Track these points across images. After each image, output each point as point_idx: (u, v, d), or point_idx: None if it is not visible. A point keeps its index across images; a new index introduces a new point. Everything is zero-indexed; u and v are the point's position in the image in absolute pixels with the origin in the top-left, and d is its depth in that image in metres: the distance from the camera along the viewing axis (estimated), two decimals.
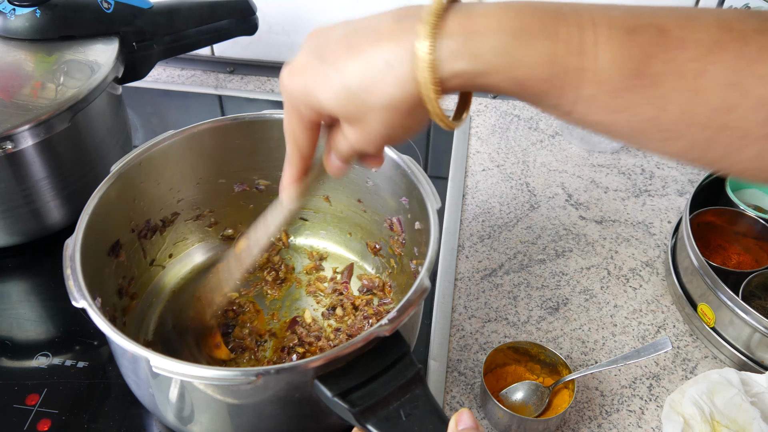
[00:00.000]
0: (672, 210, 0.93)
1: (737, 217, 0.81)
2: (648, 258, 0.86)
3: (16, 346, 0.74)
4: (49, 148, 0.76)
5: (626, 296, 0.81)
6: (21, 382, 0.70)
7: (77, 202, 0.67)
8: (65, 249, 0.60)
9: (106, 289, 0.66)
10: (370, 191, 0.74)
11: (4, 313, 0.78)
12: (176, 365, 0.50)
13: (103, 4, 0.85)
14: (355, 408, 0.50)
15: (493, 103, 1.11)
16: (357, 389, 0.51)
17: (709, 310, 0.73)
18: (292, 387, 0.53)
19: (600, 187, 0.96)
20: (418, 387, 0.52)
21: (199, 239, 0.80)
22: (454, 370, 0.73)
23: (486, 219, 0.91)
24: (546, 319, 0.78)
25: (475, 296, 0.81)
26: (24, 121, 0.72)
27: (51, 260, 0.83)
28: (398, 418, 0.50)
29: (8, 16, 0.82)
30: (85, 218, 0.62)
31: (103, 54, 0.83)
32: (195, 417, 0.58)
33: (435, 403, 0.51)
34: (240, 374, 0.50)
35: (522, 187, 0.96)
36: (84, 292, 0.56)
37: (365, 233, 0.79)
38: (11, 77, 0.78)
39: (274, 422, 0.57)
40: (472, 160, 1.00)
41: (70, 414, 0.67)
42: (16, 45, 0.82)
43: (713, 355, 0.75)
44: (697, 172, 0.98)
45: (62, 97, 0.76)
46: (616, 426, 0.68)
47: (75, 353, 0.73)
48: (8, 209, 0.78)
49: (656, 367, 0.74)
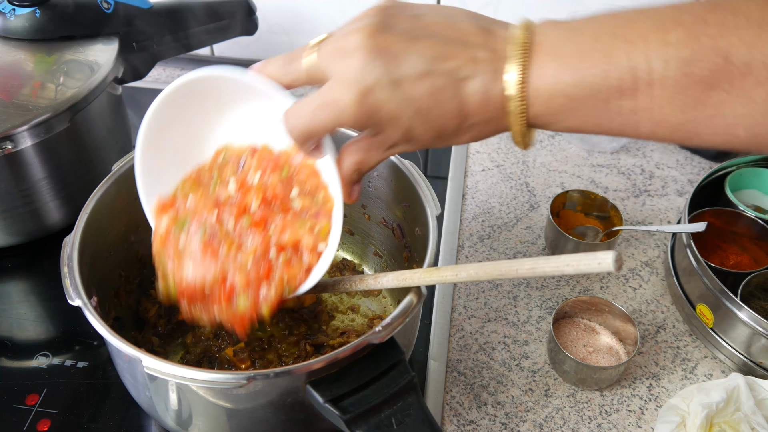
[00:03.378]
0: (671, 210, 0.93)
1: (736, 218, 0.81)
2: (648, 258, 0.86)
3: (16, 346, 0.74)
4: (48, 148, 0.76)
5: (626, 296, 0.81)
6: (21, 382, 0.70)
7: (77, 202, 0.67)
8: (63, 247, 0.60)
9: (104, 289, 0.66)
10: (372, 195, 0.74)
11: (4, 313, 0.78)
12: (168, 367, 0.50)
13: (103, 4, 0.85)
14: (347, 415, 0.49)
15: None
16: (349, 395, 0.51)
17: (708, 311, 0.73)
18: (285, 391, 0.53)
19: (600, 187, 0.96)
20: (411, 395, 0.51)
21: None
22: (453, 370, 0.73)
23: (486, 219, 0.91)
24: (546, 319, 0.78)
25: (475, 296, 0.81)
26: (24, 121, 0.72)
27: (50, 260, 0.83)
28: (389, 426, 0.49)
29: (8, 16, 0.82)
30: (84, 217, 0.63)
31: (103, 54, 0.83)
32: (190, 419, 0.58)
33: (428, 411, 0.51)
34: (231, 377, 0.50)
35: (522, 187, 0.96)
36: (80, 291, 0.56)
37: (366, 237, 0.79)
38: (11, 77, 0.78)
39: (267, 426, 0.56)
40: (472, 160, 1.00)
41: (69, 414, 0.67)
42: (16, 45, 0.82)
43: (713, 355, 0.75)
44: (696, 172, 0.98)
45: (62, 97, 0.76)
46: (615, 426, 0.68)
47: (75, 353, 0.73)
48: (8, 209, 0.78)
49: (656, 367, 0.74)
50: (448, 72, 0.42)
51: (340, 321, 0.75)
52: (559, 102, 0.41)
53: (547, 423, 0.69)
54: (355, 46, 0.43)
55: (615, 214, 0.83)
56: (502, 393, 0.71)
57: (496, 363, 0.74)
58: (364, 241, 0.80)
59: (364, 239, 0.79)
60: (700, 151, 0.99)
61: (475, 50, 0.42)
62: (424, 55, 0.42)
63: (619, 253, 0.41)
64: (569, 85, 0.40)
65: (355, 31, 0.43)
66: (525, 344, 0.76)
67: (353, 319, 0.75)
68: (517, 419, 0.69)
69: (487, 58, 0.42)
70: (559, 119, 0.42)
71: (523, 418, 0.69)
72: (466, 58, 0.42)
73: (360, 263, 0.81)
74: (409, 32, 0.43)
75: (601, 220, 0.85)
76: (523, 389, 0.72)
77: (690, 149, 1.00)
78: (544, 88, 0.41)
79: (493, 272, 0.49)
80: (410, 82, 0.42)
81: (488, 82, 0.42)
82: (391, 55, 0.42)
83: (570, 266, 0.43)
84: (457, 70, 0.42)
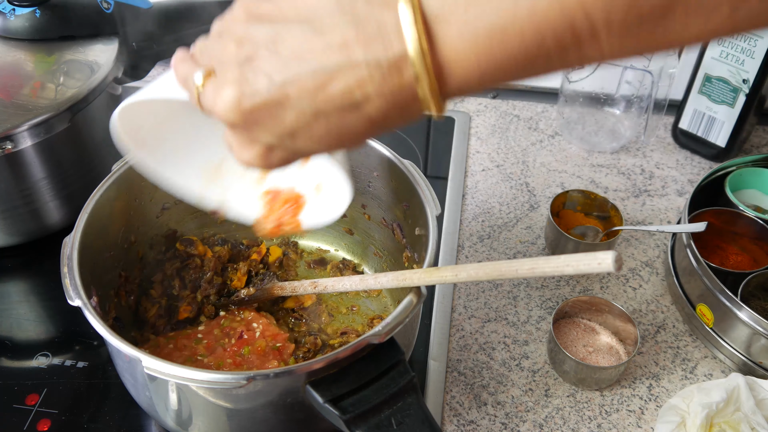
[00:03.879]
0: (671, 210, 0.93)
1: (735, 218, 0.81)
2: (648, 258, 0.86)
3: (16, 346, 0.74)
4: (48, 148, 0.76)
5: (626, 296, 0.81)
6: (21, 382, 0.70)
7: (77, 202, 0.67)
8: (63, 247, 0.60)
9: (104, 289, 0.66)
10: (372, 195, 0.74)
11: (4, 313, 0.78)
12: (168, 367, 0.50)
13: (103, 4, 0.85)
14: (346, 415, 0.49)
15: (493, 103, 1.11)
16: (349, 396, 0.51)
17: (708, 311, 0.73)
18: (285, 392, 0.53)
19: (600, 187, 0.96)
20: (411, 395, 0.51)
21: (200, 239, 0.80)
22: (453, 370, 0.73)
23: (486, 219, 0.91)
24: (546, 319, 0.78)
25: (475, 296, 0.81)
26: (24, 121, 0.72)
27: (50, 260, 0.83)
28: (389, 426, 0.50)
29: (8, 16, 0.82)
30: (84, 217, 0.63)
31: (103, 54, 0.83)
32: (189, 419, 0.58)
33: (427, 411, 0.51)
34: (231, 377, 0.50)
35: (522, 187, 0.96)
36: (80, 291, 0.56)
37: (366, 237, 0.79)
38: (11, 77, 0.78)
39: (267, 426, 0.56)
40: (472, 160, 1.00)
41: (69, 414, 0.67)
42: (16, 45, 0.82)
43: (713, 355, 0.75)
44: (696, 172, 0.98)
45: (62, 97, 0.76)
46: (615, 426, 0.68)
47: (75, 353, 0.73)
48: (8, 209, 0.78)
49: (656, 367, 0.74)
50: (340, 97, 0.37)
51: (340, 321, 0.75)
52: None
53: (547, 423, 0.69)
54: (227, 116, 0.39)
55: (615, 214, 0.83)
56: (502, 393, 0.71)
57: (496, 363, 0.74)
58: (364, 241, 0.80)
59: (364, 239, 0.79)
60: (700, 151, 0.99)
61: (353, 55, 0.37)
62: (302, 98, 0.38)
63: (619, 254, 0.41)
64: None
65: (220, 95, 0.39)
66: (525, 344, 0.76)
67: (353, 319, 0.75)
68: (517, 419, 0.69)
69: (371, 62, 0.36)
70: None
71: (523, 418, 0.69)
72: (353, 79, 0.37)
73: (360, 263, 0.81)
74: (275, 75, 0.38)
75: (601, 220, 0.85)
76: (523, 389, 0.72)
77: (690, 149, 1.00)
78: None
79: (493, 272, 0.49)
80: (303, 130, 0.39)
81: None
82: (266, 117, 0.39)
83: (570, 266, 0.43)
84: (344, 97, 0.37)
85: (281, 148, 0.41)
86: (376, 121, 0.38)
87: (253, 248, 0.80)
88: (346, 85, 0.37)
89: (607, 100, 1.01)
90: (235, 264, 0.78)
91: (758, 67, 0.87)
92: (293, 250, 0.82)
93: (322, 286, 0.66)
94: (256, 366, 0.65)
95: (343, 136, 0.39)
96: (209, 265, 0.75)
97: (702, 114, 0.96)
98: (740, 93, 0.91)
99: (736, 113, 0.93)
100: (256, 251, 0.79)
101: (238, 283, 0.76)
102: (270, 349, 0.67)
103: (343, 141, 0.40)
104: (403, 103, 0.38)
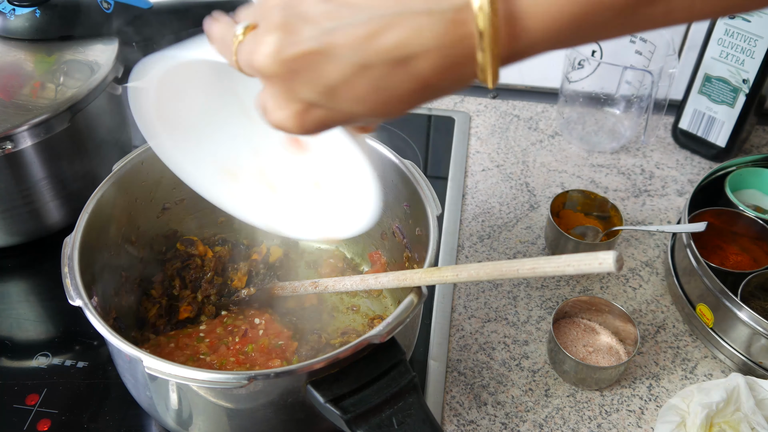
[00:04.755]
0: (671, 210, 0.93)
1: (735, 218, 0.81)
2: (648, 258, 0.86)
3: (16, 346, 0.74)
4: (48, 148, 0.76)
5: (626, 296, 0.81)
6: (21, 382, 0.70)
7: (77, 202, 0.67)
8: (64, 247, 0.60)
9: (104, 289, 0.66)
10: None
11: (4, 313, 0.78)
12: (169, 367, 0.50)
13: (103, 4, 0.85)
14: (347, 415, 0.49)
15: (493, 103, 1.11)
16: (350, 395, 0.51)
17: (708, 311, 0.73)
18: (285, 392, 0.53)
19: (600, 187, 0.96)
20: (412, 395, 0.51)
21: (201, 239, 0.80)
22: (453, 370, 0.73)
23: (486, 219, 0.91)
24: (546, 319, 0.78)
25: (475, 296, 0.81)
26: (24, 121, 0.72)
27: (51, 260, 0.83)
28: (390, 426, 0.50)
29: (8, 16, 0.82)
30: (84, 217, 0.63)
31: (103, 54, 0.83)
32: (190, 418, 0.58)
33: (428, 411, 0.51)
34: (231, 377, 0.50)
35: (522, 187, 0.96)
36: (80, 291, 0.56)
37: (367, 236, 0.79)
38: (11, 77, 0.78)
39: (267, 426, 0.56)
40: (472, 160, 1.00)
41: (69, 414, 0.67)
42: (16, 45, 0.82)
43: (713, 355, 0.75)
44: (696, 172, 0.98)
45: (62, 97, 0.76)
46: (615, 426, 0.69)
47: (75, 353, 0.73)
48: (8, 209, 0.78)
49: (656, 367, 0.74)
50: (386, 51, 0.35)
51: (341, 321, 0.75)
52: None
53: (547, 423, 0.69)
54: (266, 65, 0.37)
55: (615, 214, 0.83)
56: (502, 393, 0.71)
57: (496, 363, 0.74)
58: (364, 241, 0.80)
59: (365, 239, 0.79)
60: (700, 151, 1.00)
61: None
62: (350, 48, 0.35)
63: (619, 253, 0.41)
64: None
65: (262, 42, 0.37)
66: (525, 344, 0.76)
67: (354, 319, 0.75)
68: (517, 419, 0.69)
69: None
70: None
71: (523, 418, 0.69)
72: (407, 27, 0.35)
73: (360, 263, 0.81)
74: (325, 22, 0.36)
75: (601, 220, 0.85)
76: (523, 389, 0.72)
77: (690, 149, 1.00)
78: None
79: (494, 272, 0.49)
80: (347, 86, 0.36)
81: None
82: (307, 67, 0.36)
83: (571, 266, 0.43)
84: (397, 48, 0.35)
85: (320, 107, 0.38)
86: (424, 80, 0.36)
87: (253, 248, 0.80)
88: (399, 36, 0.34)
89: (607, 100, 1.01)
90: (236, 264, 0.78)
91: (758, 67, 0.88)
92: (293, 250, 0.82)
93: (322, 286, 0.66)
94: (260, 364, 0.65)
95: (388, 97, 0.37)
96: (210, 265, 0.75)
97: (702, 114, 0.96)
98: (740, 93, 0.91)
99: (736, 113, 0.93)
100: (257, 251, 0.79)
101: (238, 283, 0.76)
102: (273, 347, 0.67)
103: (387, 104, 0.37)
104: (458, 63, 0.35)
